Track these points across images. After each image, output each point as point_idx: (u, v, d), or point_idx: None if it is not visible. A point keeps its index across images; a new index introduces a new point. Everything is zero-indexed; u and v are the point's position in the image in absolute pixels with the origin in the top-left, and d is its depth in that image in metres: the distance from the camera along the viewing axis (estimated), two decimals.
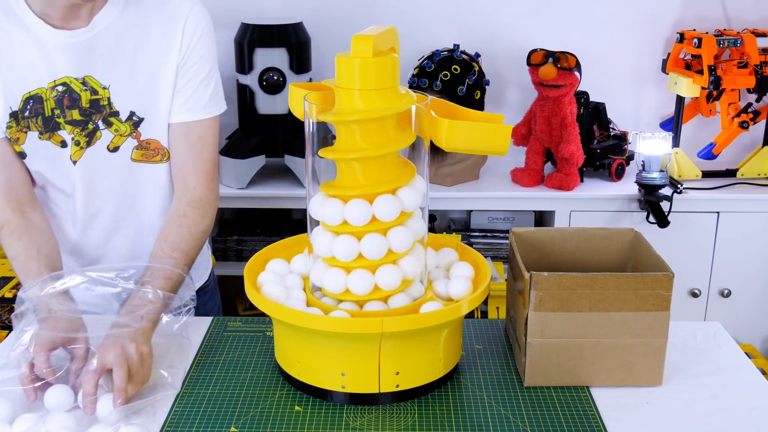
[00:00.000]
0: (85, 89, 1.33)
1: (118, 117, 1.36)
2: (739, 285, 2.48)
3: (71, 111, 1.34)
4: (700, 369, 1.24)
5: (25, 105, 1.33)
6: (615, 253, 1.31)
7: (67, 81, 1.33)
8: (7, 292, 2.13)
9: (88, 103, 1.34)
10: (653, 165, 2.35)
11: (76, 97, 1.33)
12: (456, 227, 2.69)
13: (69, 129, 1.35)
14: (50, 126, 1.35)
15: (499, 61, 2.66)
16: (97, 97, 1.34)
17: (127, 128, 1.37)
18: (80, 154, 1.37)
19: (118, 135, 1.37)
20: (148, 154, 1.40)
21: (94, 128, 1.36)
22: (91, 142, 1.36)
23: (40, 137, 1.35)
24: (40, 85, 1.33)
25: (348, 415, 1.11)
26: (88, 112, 1.35)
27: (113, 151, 1.38)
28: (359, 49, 1.06)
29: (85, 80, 1.33)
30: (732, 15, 2.62)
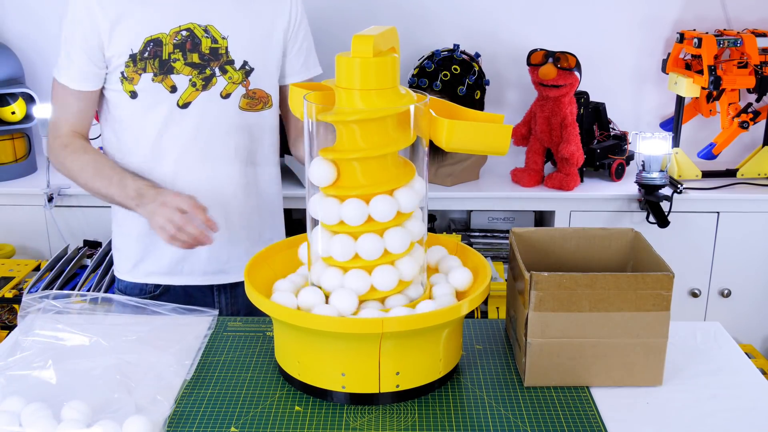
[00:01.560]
0: (206, 36, 1.47)
1: (233, 65, 1.51)
2: (739, 285, 2.48)
3: (192, 54, 1.48)
4: (700, 369, 1.24)
5: (145, 47, 1.47)
6: (615, 253, 1.31)
7: (191, 27, 1.48)
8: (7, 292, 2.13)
9: (207, 50, 1.49)
10: (653, 165, 2.35)
11: (198, 42, 1.48)
12: (456, 227, 2.69)
13: (188, 71, 1.48)
14: (165, 69, 1.48)
15: (499, 61, 2.66)
16: (216, 45, 1.49)
17: (240, 76, 1.52)
18: (195, 96, 1.50)
19: (231, 82, 1.51)
20: (253, 103, 1.54)
21: (210, 74, 1.50)
22: (207, 86, 1.50)
23: (153, 79, 1.48)
24: (161, 30, 1.47)
25: (348, 415, 1.11)
26: (207, 58, 1.49)
27: (225, 98, 1.52)
28: (359, 49, 1.06)
29: (207, 28, 1.48)
30: (732, 15, 2.62)
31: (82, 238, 2.40)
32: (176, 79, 1.48)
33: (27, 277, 2.23)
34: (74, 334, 1.28)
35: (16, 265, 2.30)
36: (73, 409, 1.06)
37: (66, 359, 1.21)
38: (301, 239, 1.33)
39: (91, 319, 1.36)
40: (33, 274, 2.25)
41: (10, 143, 2.49)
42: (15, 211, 2.44)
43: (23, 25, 2.61)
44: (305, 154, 1.16)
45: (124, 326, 1.33)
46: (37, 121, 2.42)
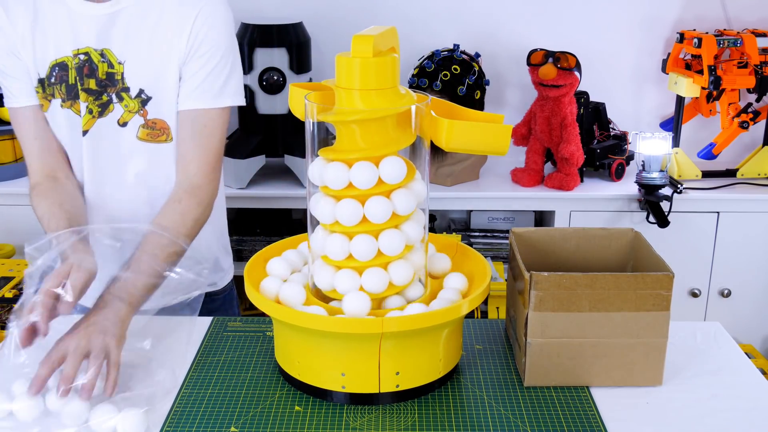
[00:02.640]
0: (102, 61, 1.39)
1: (128, 93, 1.40)
2: (739, 285, 2.48)
3: (89, 80, 1.39)
4: (700, 369, 1.24)
5: (51, 72, 1.39)
6: (615, 253, 1.31)
7: (88, 51, 1.38)
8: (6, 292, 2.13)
9: (104, 75, 1.39)
10: (653, 165, 2.35)
11: (95, 67, 1.39)
12: (456, 227, 2.69)
13: (84, 97, 1.40)
14: (72, 94, 1.40)
15: (499, 61, 2.66)
16: (112, 70, 1.39)
17: (136, 105, 1.40)
18: (92, 123, 1.41)
19: (127, 111, 1.41)
20: (153, 134, 1.43)
21: (108, 100, 1.40)
22: (103, 113, 1.41)
23: (62, 105, 1.41)
24: (65, 53, 1.39)
25: (348, 415, 1.11)
26: (104, 84, 1.40)
27: (122, 126, 1.42)
28: (359, 49, 1.06)
29: (103, 52, 1.39)
30: (732, 15, 2.62)
31: None
32: (81, 105, 1.40)
33: None
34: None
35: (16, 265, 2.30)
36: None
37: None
38: (301, 239, 1.33)
39: None
40: None
41: (10, 143, 2.50)
42: (15, 211, 2.44)
43: None
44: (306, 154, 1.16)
45: None
46: None
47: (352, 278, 1.13)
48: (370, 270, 1.13)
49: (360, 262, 1.13)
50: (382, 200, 1.11)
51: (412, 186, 1.15)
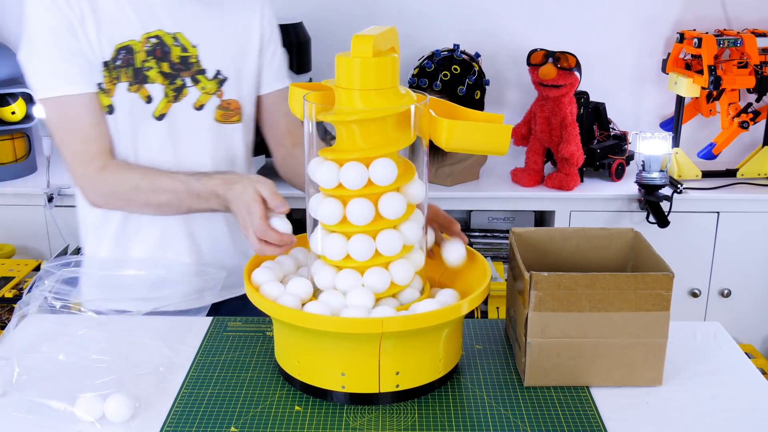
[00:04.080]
0: (176, 44, 1.41)
1: (205, 74, 1.43)
2: (739, 285, 2.48)
3: (162, 63, 1.40)
4: (700, 369, 1.24)
5: (117, 54, 1.38)
6: (615, 253, 1.31)
7: (160, 34, 1.40)
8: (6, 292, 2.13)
9: (177, 59, 1.41)
10: (653, 165, 2.35)
11: (167, 50, 1.40)
12: None
13: (161, 80, 1.41)
14: (139, 77, 1.39)
15: (499, 61, 2.66)
16: (186, 54, 1.41)
17: (213, 86, 1.44)
18: (167, 108, 1.42)
19: (204, 93, 1.44)
20: (227, 114, 1.47)
21: (181, 84, 1.42)
22: (178, 98, 1.42)
23: (128, 89, 1.39)
24: (132, 36, 1.39)
25: (348, 415, 1.11)
26: (177, 68, 1.42)
27: (199, 110, 1.44)
28: (359, 49, 1.06)
29: (176, 36, 1.41)
30: (732, 15, 2.62)
31: None
32: (151, 89, 1.40)
33: (27, 277, 2.23)
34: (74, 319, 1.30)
35: (16, 265, 2.30)
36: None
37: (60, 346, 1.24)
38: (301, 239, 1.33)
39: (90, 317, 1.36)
40: (33, 274, 2.25)
41: (10, 143, 2.50)
42: (15, 211, 2.44)
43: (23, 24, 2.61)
44: (305, 154, 1.16)
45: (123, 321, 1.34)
46: (37, 121, 2.42)
47: (353, 278, 1.13)
48: (372, 270, 1.13)
49: (359, 262, 1.13)
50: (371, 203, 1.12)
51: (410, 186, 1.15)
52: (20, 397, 1.14)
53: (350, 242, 1.13)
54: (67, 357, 1.23)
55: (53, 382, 1.17)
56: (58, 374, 1.19)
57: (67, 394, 1.12)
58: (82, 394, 1.10)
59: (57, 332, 1.31)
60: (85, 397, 1.09)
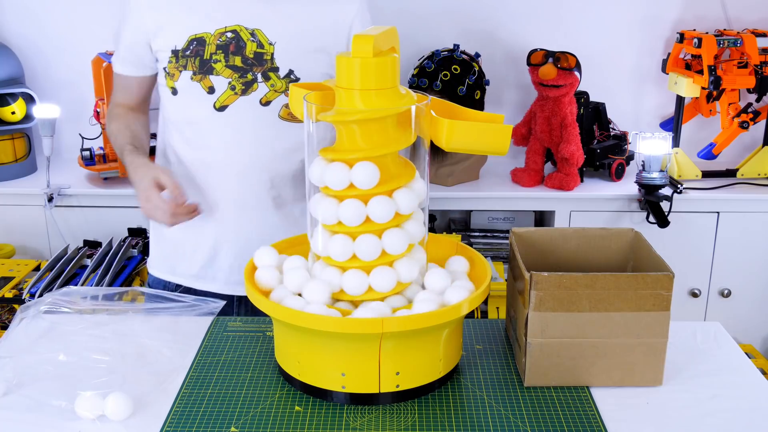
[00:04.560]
0: (252, 40, 1.44)
1: (277, 73, 1.47)
2: (739, 285, 2.48)
3: (234, 57, 1.45)
4: (700, 369, 1.24)
5: (188, 45, 1.46)
6: (615, 253, 1.31)
7: (238, 29, 1.45)
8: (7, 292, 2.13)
9: (252, 54, 1.45)
10: (653, 165, 2.35)
11: (243, 45, 1.45)
12: (456, 227, 2.69)
13: (228, 73, 1.46)
14: (205, 68, 1.46)
15: (499, 61, 2.66)
16: (261, 50, 1.45)
17: (283, 85, 1.48)
18: (232, 99, 1.47)
19: (273, 90, 1.47)
20: (293, 114, 1.47)
21: (252, 79, 1.46)
22: (246, 91, 1.47)
23: (192, 78, 1.47)
24: (206, 29, 1.45)
25: (348, 415, 1.11)
26: (250, 63, 1.45)
27: (265, 105, 1.48)
28: (359, 49, 1.06)
29: (254, 32, 1.44)
30: (732, 15, 2.62)
31: (82, 238, 2.40)
32: (215, 81, 1.46)
33: (27, 277, 2.23)
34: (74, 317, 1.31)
35: (16, 265, 2.30)
36: None
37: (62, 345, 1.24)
38: (301, 239, 1.33)
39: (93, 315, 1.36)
40: (33, 274, 2.25)
41: (10, 143, 2.50)
42: (15, 211, 2.44)
43: (23, 25, 2.61)
44: (306, 154, 1.16)
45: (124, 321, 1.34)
46: (37, 121, 2.42)
47: (360, 278, 1.13)
48: (378, 269, 1.13)
49: (364, 262, 1.13)
50: (386, 200, 1.12)
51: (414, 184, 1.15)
52: (21, 396, 1.14)
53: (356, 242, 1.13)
54: (67, 357, 1.23)
55: (54, 382, 1.17)
56: (59, 374, 1.19)
57: (68, 393, 1.13)
58: (82, 392, 1.10)
59: (57, 332, 1.31)
60: (85, 396, 1.10)
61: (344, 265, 1.14)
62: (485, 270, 1.21)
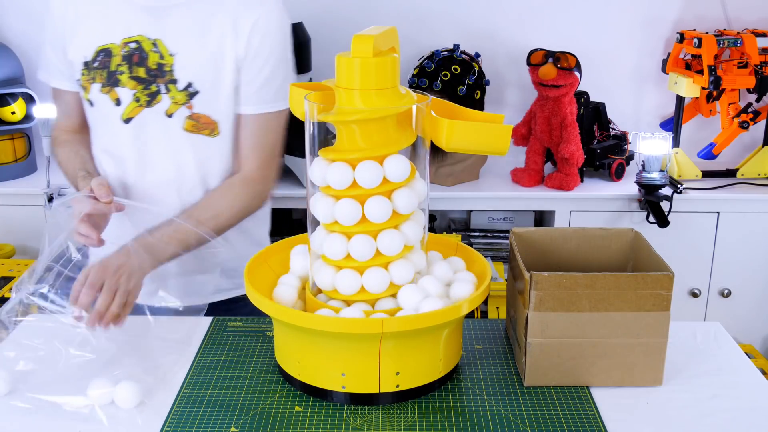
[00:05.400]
0: (154, 51, 1.41)
1: (176, 85, 1.42)
2: (739, 285, 2.48)
3: (138, 68, 1.42)
4: (700, 369, 1.24)
5: (96, 56, 1.43)
6: (615, 253, 1.31)
7: (140, 39, 1.41)
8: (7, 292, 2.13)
9: (154, 65, 1.41)
10: (653, 165, 2.35)
11: (145, 56, 1.41)
12: (456, 227, 2.69)
13: (132, 84, 1.42)
14: (111, 80, 1.43)
15: (499, 61, 2.66)
16: (163, 61, 1.41)
17: (183, 97, 1.43)
18: (137, 111, 1.43)
19: (174, 102, 1.43)
20: (198, 126, 1.45)
21: (156, 90, 1.43)
22: (151, 103, 1.43)
23: (101, 90, 1.44)
24: (112, 40, 1.42)
25: (348, 415, 1.11)
26: (153, 74, 1.42)
27: (169, 117, 1.44)
28: (359, 49, 1.06)
29: (156, 42, 1.41)
30: (732, 15, 2.62)
31: None
32: (120, 92, 1.43)
33: None
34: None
35: (16, 265, 2.30)
36: None
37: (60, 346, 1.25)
38: (301, 239, 1.33)
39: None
40: None
41: (10, 143, 2.50)
42: (15, 211, 2.45)
43: (23, 25, 2.61)
44: (306, 154, 1.16)
45: None
46: (37, 121, 2.42)
47: (353, 278, 1.13)
48: (371, 270, 1.13)
49: (359, 262, 1.13)
50: (383, 200, 1.12)
51: (414, 185, 1.15)
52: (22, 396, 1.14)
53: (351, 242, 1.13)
54: (67, 357, 1.23)
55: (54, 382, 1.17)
56: (59, 374, 1.19)
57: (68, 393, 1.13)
58: (96, 379, 1.13)
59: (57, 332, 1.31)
60: (98, 383, 1.13)
61: (340, 263, 1.14)
62: (485, 270, 1.21)
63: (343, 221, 1.12)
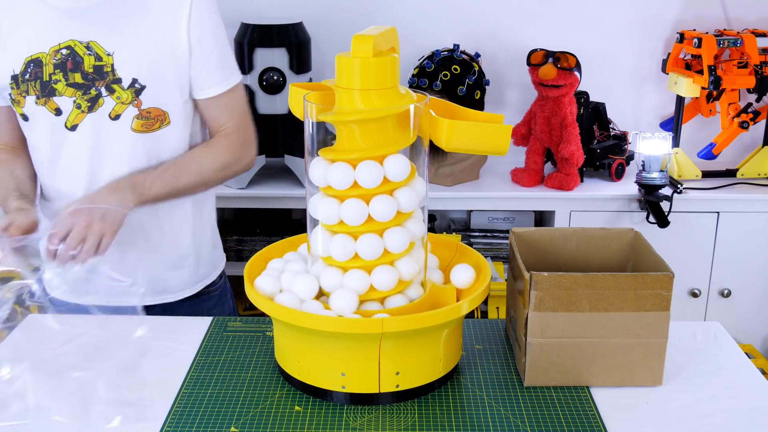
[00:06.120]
0: (89, 54, 1.37)
1: (120, 84, 1.38)
2: (739, 285, 2.48)
3: (74, 74, 1.37)
4: (700, 369, 1.24)
5: (26, 68, 1.38)
6: (615, 253, 1.31)
7: (72, 44, 1.37)
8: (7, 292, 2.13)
9: (91, 68, 1.37)
10: (653, 165, 2.35)
11: (80, 60, 1.37)
12: (456, 227, 2.69)
13: (71, 92, 1.38)
14: (46, 91, 1.38)
15: (499, 61, 2.66)
16: (100, 63, 1.37)
17: (129, 95, 1.39)
18: (81, 118, 1.39)
19: (120, 102, 1.39)
20: (148, 124, 1.42)
21: (96, 94, 1.39)
22: (93, 108, 1.39)
23: (36, 102, 1.39)
24: (41, 49, 1.37)
25: (348, 415, 1.11)
26: (91, 78, 1.38)
27: (115, 119, 1.40)
28: (359, 49, 1.06)
29: (89, 45, 1.37)
30: (732, 15, 2.62)
31: None
32: (59, 102, 1.38)
33: None
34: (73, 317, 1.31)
35: None
36: None
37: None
38: (301, 239, 1.33)
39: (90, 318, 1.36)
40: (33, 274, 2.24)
41: None
42: None
43: None
44: (306, 154, 1.16)
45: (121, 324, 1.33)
46: None
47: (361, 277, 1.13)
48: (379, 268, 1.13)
49: (366, 262, 1.13)
50: (388, 199, 1.12)
51: (414, 184, 1.15)
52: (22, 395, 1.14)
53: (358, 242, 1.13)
54: (67, 357, 1.23)
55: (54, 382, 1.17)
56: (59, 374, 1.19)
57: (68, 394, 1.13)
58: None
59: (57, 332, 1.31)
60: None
61: (345, 265, 1.14)
62: (485, 270, 1.21)
63: (349, 221, 1.12)
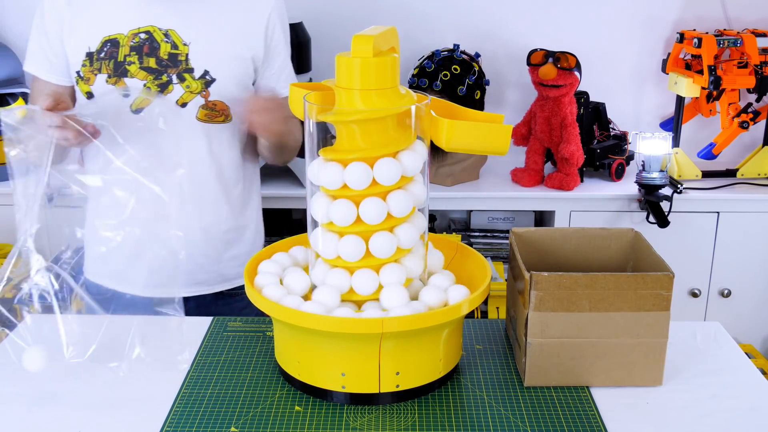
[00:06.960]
0: (166, 41, 1.42)
1: (192, 74, 1.44)
2: (739, 285, 2.48)
3: (149, 59, 1.43)
4: (700, 369, 1.24)
5: (102, 47, 1.43)
6: (615, 253, 1.31)
7: (151, 30, 1.42)
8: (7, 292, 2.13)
9: (166, 55, 1.42)
10: (653, 165, 2.35)
11: (156, 46, 1.42)
12: (456, 227, 2.69)
13: (143, 75, 1.43)
14: (119, 71, 1.44)
15: (499, 61, 2.66)
16: (176, 51, 1.42)
17: (199, 86, 1.45)
18: (148, 102, 1.41)
19: (189, 91, 1.45)
20: (212, 115, 1.47)
21: (167, 81, 1.44)
22: (162, 93, 1.43)
23: (107, 81, 1.44)
24: (120, 30, 1.43)
25: (348, 415, 1.11)
26: (165, 64, 1.43)
27: (182, 106, 1.46)
28: (359, 49, 1.06)
29: (168, 32, 1.42)
30: (732, 15, 2.62)
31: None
32: (129, 83, 1.44)
33: None
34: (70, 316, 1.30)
35: None
36: None
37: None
38: (301, 239, 1.33)
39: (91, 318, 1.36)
40: None
41: None
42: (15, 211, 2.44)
43: (23, 25, 2.60)
44: (306, 154, 1.16)
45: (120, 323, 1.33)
46: None
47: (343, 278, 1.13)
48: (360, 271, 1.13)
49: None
50: (377, 201, 1.11)
51: (409, 188, 1.15)
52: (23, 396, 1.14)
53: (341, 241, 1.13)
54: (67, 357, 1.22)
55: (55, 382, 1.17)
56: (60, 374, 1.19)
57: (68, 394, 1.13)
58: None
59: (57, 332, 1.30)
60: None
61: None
62: (485, 270, 1.21)
63: (336, 221, 1.12)
